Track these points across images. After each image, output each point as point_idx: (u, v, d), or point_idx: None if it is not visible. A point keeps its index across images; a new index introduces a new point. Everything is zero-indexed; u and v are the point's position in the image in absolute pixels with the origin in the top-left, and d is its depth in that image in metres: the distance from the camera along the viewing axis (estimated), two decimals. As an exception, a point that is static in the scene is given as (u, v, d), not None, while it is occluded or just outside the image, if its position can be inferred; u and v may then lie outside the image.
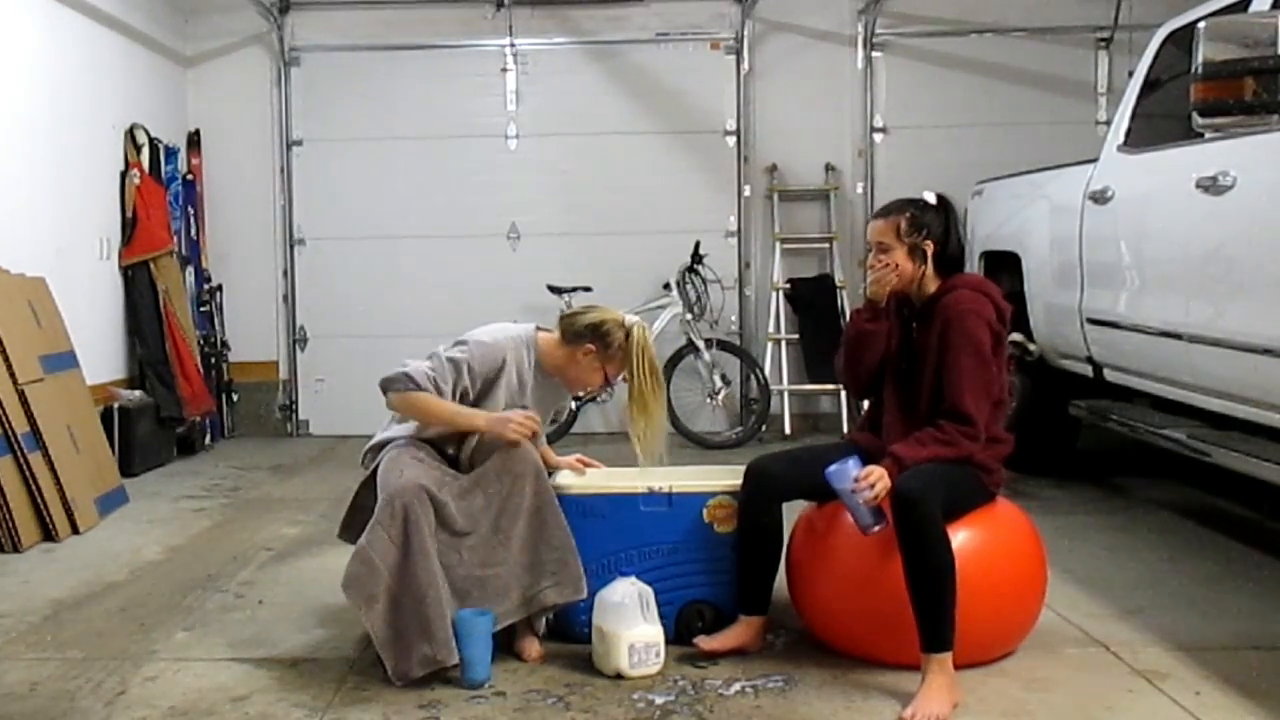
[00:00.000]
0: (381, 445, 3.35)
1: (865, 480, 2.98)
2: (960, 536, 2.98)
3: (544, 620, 3.38)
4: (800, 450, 3.54)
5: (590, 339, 3.32)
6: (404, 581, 3.06)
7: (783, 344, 7.31)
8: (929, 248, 3.19)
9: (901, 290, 3.24)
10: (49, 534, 4.68)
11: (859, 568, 3.12)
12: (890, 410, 3.26)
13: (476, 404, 3.30)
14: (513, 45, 7.37)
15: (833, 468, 3.04)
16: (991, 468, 3.19)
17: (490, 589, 3.15)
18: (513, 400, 3.34)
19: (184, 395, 6.51)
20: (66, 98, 5.94)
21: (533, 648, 3.24)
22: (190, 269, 7.08)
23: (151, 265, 6.50)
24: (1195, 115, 3.14)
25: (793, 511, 3.34)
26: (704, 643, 3.22)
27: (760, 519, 3.23)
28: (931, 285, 3.23)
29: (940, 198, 3.28)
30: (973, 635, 2.97)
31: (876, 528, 3.00)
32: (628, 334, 3.31)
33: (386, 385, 3.25)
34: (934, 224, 3.21)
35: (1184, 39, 4.27)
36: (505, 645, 3.22)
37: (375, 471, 3.27)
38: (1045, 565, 3.29)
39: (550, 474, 3.36)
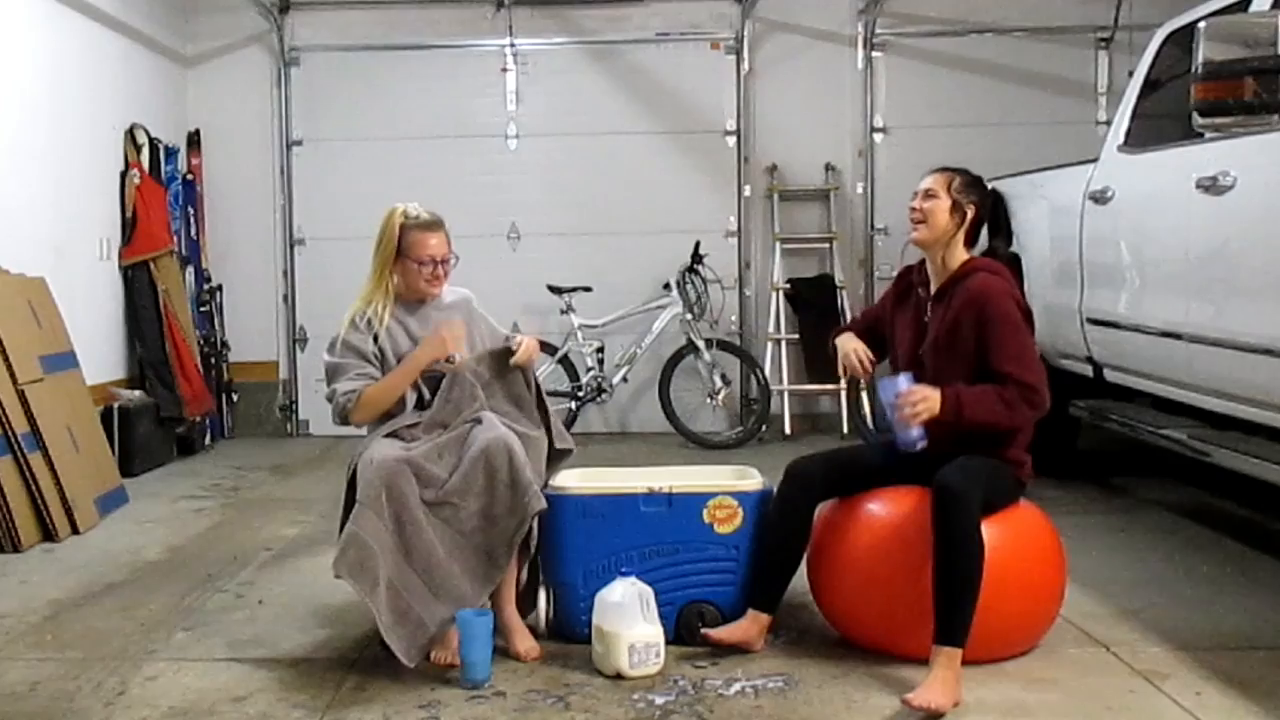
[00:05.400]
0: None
1: (908, 395, 3.01)
2: (991, 534, 2.99)
3: (545, 620, 3.38)
4: (836, 452, 3.57)
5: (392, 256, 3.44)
6: (404, 558, 3.08)
7: (783, 344, 7.31)
8: (970, 211, 3.27)
9: (931, 244, 3.28)
10: (49, 534, 4.68)
11: (880, 560, 3.16)
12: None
13: (383, 359, 3.40)
14: (513, 45, 7.37)
15: (885, 379, 3.10)
16: (1023, 460, 3.24)
17: (491, 517, 3.15)
18: (396, 344, 3.41)
19: (184, 395, 6.51)
20: (66, 98, 5.94)
21: (529, 646, 3.24)
22: (190, 269, 7.08)
23: (151, 265, 6.50)
24: (1195, 115, 3.14)
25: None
26: (710, 633, 3.23)
27: (794, 520, 3.25)
28: (956, 259, 3.28)
29: (993, 187, 3.39)
30: (992, 632, 2.99)
31: (913, 446, 3.04)
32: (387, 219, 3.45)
33: (343, 415, 3.36)
34: (982, 197, 3.32)
35: (1184, 39, 4.27)
36: (503, 647, 3.22)
37: (351, 493, 3.26)
38: (1065, 570, 3.32)
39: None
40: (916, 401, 3.02)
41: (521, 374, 3.44)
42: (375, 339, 3.41)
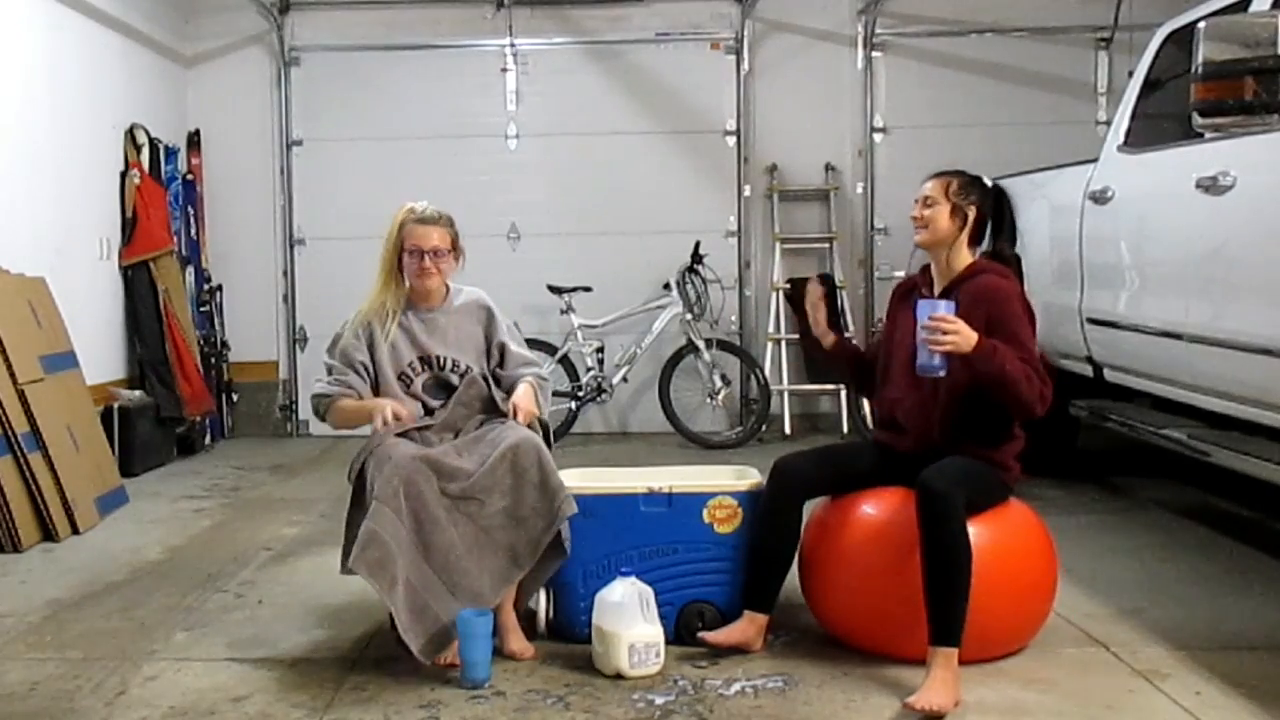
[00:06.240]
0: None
1: (938, 321, 2.99)
2: (979, 534, 3.00)
3: (545, 620, 3.38)
4: (825, 449, 3.57)
5: (394, 251, 3.43)
6: (422, 556, 3.07)
7: (783, 344, 7.31)
8: (971, 213, 3.27)
9: (934, 247, 3.31)
10: (49, 534, 4.68)
11: (872, 561, 3.15)
12: (902, 387, 3.29)
13: (379, 369, 3.38)
14: (513, 45, 7.38)
15: (926, 300, 3.09)
16: (1009, 465, 3.25)
17: (518, 517, 3.14)
18: (398, 352, 3.39)
19: (184, 395, 6.51)
20: (66, 98, 5.94)
21: (524, 646, 3.24)
22: (190, 269, 7.08)
23: (151, 265, 6.50)
24: (1195, 115, 3.14)
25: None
26: (708, 636, 3.23)
27: (783, 517, 3.26)
28: (961, 260, 3.29)
29: (995, 184, 3.37)
30: (984, 631, 2.99)
31: (933, 373, 3.04)
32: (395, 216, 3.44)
33: (317, 414, 3.40)
34: (982, 196, 3.31)
35: (1184, 39, 4.27)
36: (497, 646, 3.22)
37: (359, 490, 3.25)
38: (1056, 567, 3.32)
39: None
40: (948, 330, 2.98)
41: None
42: (372, 346, 3.39)
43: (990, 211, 3.34)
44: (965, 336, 2.99)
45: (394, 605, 3.03)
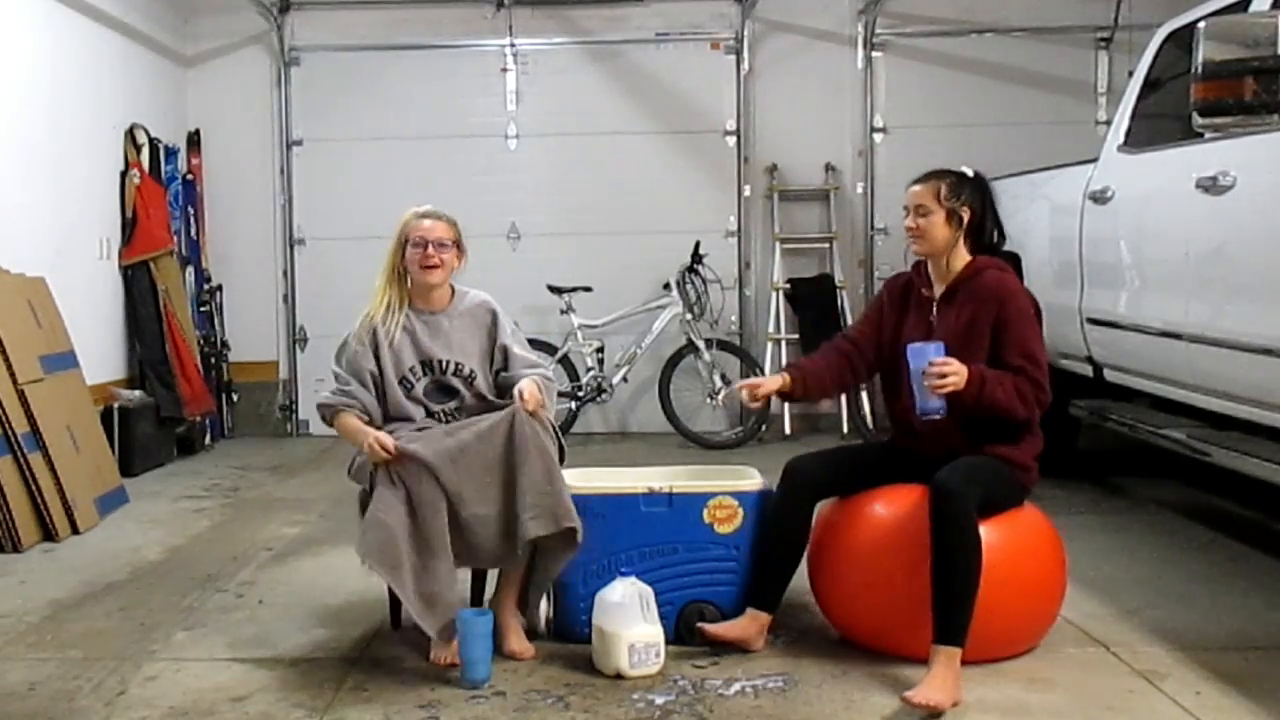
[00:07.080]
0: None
1: (938, 366, 3.00)
2: (992, 535, 3.00)
3: (545, 620, 3.38)
4: (837, 450, 3.58)
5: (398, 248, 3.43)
6: (421, 538, 3.07)
7: (783, 344, 7.31)
8: (966, 214, 3.25)
9: (933, 256, 3.29)
10: (49, 534, 4.68)
11: (880, 559, 3.16)
12: (906, 393, 3.28)
13: (383, 372, 3.36)
14: (513, 45, 7.38)
15: (916, 345, 3.09)
16: (1029, 465, 3.24)
17: (490, 525, 3.14)
18: (400, 357, 3.37)
19: (184, 395, 6.51)
20: (66, 98, 5.94)
21: (524, 646, 3.24)
22: (190, 269, 7.08)
23: (151, 265, 6.51)
24: (1195, 115, 3.14)
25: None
26: (708, 629, 3.23)
27: (793, 518, 3.26)
28: (960, 260, 3.27)
29: (977, 174, 3.35)
30: (992, 632, 3.00)
31: (931, 415, 3.05)
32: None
33: (323, 421, 3.39)
34: (971, 193, 3.28)
35: (1184, 39, 4.27)
36: (500, 646, 3.22)
37: (368, 479, 3.25)
38: (1065, 570, 3.32)
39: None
40: (947, 373, 3.00)
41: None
42: (377, 350, 3.38)
43: (979, 205, 3.30)
44: (961, 374, 3.02)
45: (401, 590, 3.05)
